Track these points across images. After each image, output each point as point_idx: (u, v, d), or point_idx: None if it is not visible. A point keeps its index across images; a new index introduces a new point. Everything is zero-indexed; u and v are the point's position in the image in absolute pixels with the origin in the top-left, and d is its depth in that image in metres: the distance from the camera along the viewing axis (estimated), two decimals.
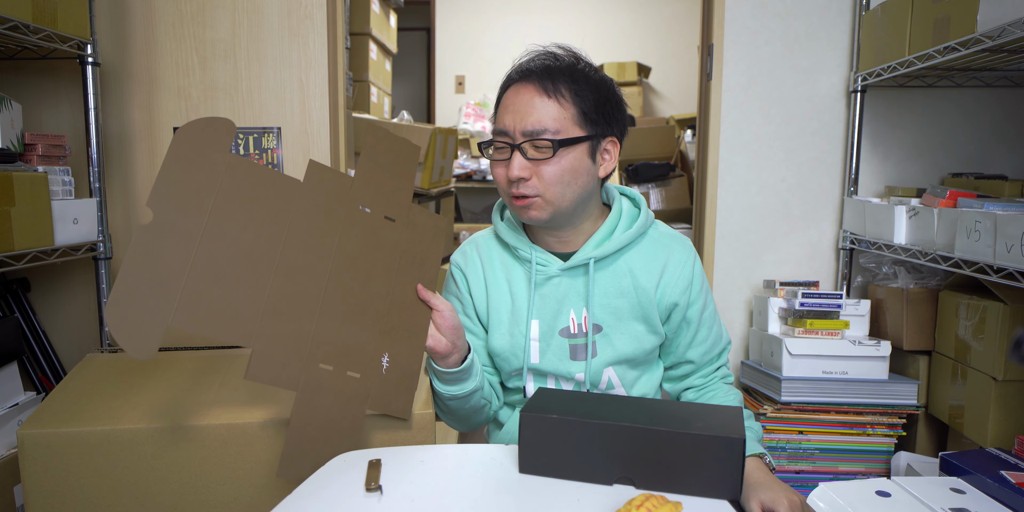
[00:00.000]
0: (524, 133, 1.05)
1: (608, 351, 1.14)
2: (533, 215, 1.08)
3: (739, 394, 1.20)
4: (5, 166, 1.40)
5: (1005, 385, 1.57)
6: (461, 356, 1.08)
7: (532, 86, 1.06)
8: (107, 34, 1.75)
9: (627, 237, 1.13)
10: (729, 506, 0.79)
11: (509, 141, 1.07)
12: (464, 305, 1.21)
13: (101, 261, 1.69)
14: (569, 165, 1.06)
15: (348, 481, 0.84)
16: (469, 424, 1.19)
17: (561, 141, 1.04)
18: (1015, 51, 1.53)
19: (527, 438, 0.86)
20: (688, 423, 0.83)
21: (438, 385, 1.09)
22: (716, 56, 2.09)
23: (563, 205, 1.08)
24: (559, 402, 0.91)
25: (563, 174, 1.06)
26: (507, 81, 1.11)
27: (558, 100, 1.05)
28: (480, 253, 1.21)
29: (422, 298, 1.05)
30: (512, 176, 1.05)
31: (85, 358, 1.19)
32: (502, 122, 1.08)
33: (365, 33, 2.84)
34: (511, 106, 1.07)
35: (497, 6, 4.96)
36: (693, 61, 4.78)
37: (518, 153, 1.05)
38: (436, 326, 1.06)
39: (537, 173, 1.06)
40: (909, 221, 1.74)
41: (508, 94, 1.09)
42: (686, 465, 0.81)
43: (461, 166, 4.30)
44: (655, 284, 1.13)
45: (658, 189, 3.32)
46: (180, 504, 0.98)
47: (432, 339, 1.04)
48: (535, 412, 0.86)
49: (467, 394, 1.10)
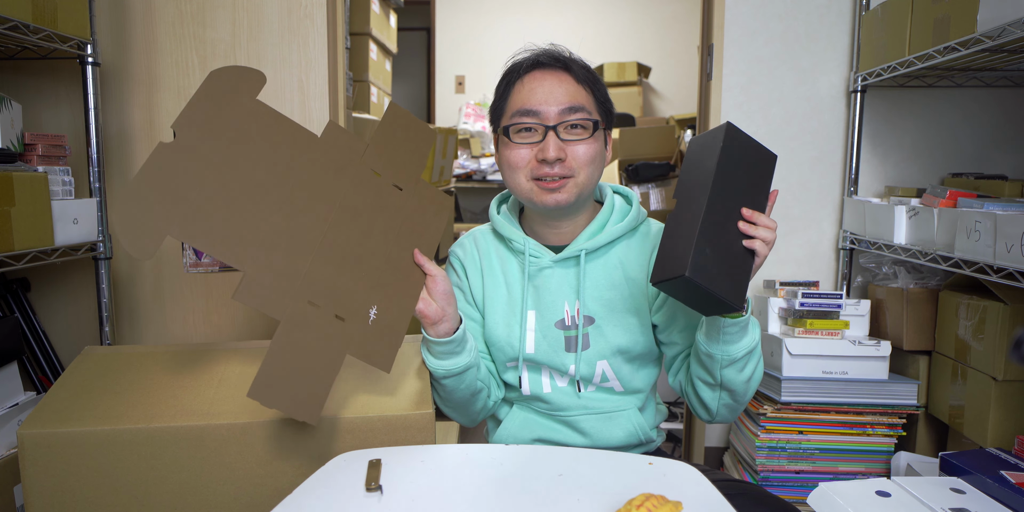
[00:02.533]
0: (561, 112, 1.07)
1: (601, 343, 1.15)
2: (562, 198, 1.09)
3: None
4: (5, 166, 1.40)
5: (1005, 385, 1.57)
6: (452, 326, 1.08)
7: (560, 71, 1.10)
8: (107, 34, 1.75)
9: (618, 230, 1.14)
10: (728, 505, 0.79)
11: (541, 122, 1.08)
12: (464, 293, 1.23)
13: (101, 261, 1.69)
14: (598, 148, 1.11)
15: (348, 481, 0.84)
16: (468, 413, 1.19)
17: (596, 121, 1.09)
18: (1015, 51, 1.53)
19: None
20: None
21: (432, 362, 1.09)
22: (716, 56, 2.09)
23: (588, 188, 1.11)
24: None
25: (595, 156, 1.10)
26: (518, 69, 1.13)
27: (585, 86, 1.10)
28: (478, 244, 1.23)
29: (417, 262, 1.07)
30: (550, 157, 1.06)
31: (83, 351, 1.19)
32: (530, 104, 1.08)
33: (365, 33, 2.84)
34: (539, 89, 1.09)
35: (497, 6, 4.96)
36: (693, 61, 4.78)
37: (553, 134, 1.07)
38: (428, 290, 1.07)
39: (572, 154, 1.08)
40: (909, 221, 1.74)
41: (528, 79, 1.11)
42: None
43: (461, 166, 4.30)
44: (645, 273, 1.14)
45: (658, 189, 3.32)
46: (180, 504, 0.98)
47: (423, 302, 1.06)
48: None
49: (461, 370, 1.10)
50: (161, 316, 1.84)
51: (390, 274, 1.03)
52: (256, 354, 1.21)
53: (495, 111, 1.16)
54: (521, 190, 1.12)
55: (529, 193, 1.11)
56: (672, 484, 0.84)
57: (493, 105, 1.17)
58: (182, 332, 1.84)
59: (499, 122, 1.15)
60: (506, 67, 1.15)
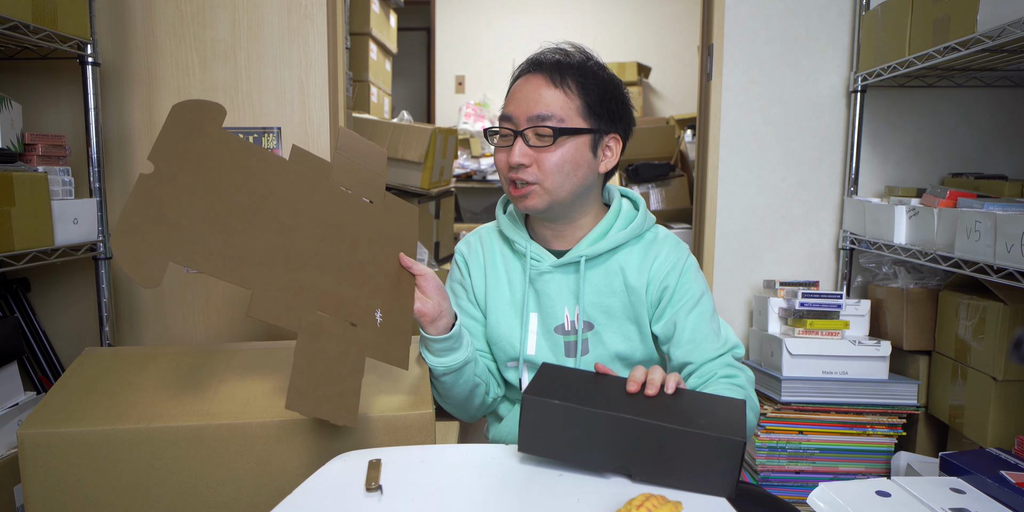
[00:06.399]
0: (528, 119, 1.07)
1: (600, 349, 1.15)
2: (530, 204, 1.10)
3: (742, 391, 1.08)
4: (5, 166, 1.40)
5: (1005, 385, 1.57)
6: (450, 321, 1.09)
7: (541, 76, 1.10)
8: (107, 34, 1.75)
9: (621, 237, 1.14)
10: (728, 505, 0.79)
11: (513, 127, 1.09)
12: (467, 291, 1.23)
13: (101, 261, 1.69)
14: (570, 155, 1.08)
15: (348, 481, 0.84)
16: (467, 409, 1.20)
17: (562, 129, 1.07)
18: (1015, 51, 1.53)
19: (528, 420, 0.85)
20: (690, 419, 0.83)
21: (432, 360, 1.10)
22: (716, 56, 2.09)
23: (561, 195, 1.10)
24: (562, 383, 0.91)
25: (563, 164, 1.08)
26: (518, 72, 1.14)
27: (564, 90, 1.08)
28: (483, 243, 1.24)
29: (404, 265, 1.08)
30: (512, 161, 1.08)
31: (84, 352, 1.19)
32: (508, 109, 1.11)
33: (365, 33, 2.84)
34: (518, 94, 1.11)
35: (497, 6, 4.95)
36: (693, 61, 4.78)
37: (520, 139, 1.08)
38: (422, 289, 1.08)
39: (538, 161, 1.08)
40: (909, 221, 1.74)
41: (517, 84, 1.13)
42: (684, 461, 0.80)
43: (461, 166, 4.30)
44: (645, 280, 1.13)
45: (658, 189, 3.32)
46: (180, 504, 0.98)
47: (419, 302, 1.06)
48: (537, 394, 0.85)
49: (460, 366, 1.11)
50: (161, 316, 1.84)
51: (383, 279, 1.06)
52: (256, 354, 1.21)
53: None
54: (506, 192, 1.15)
55: (510, 196, 1.13)
56: None
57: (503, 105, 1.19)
58: (182, 332, 1.84)
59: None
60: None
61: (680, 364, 1.14)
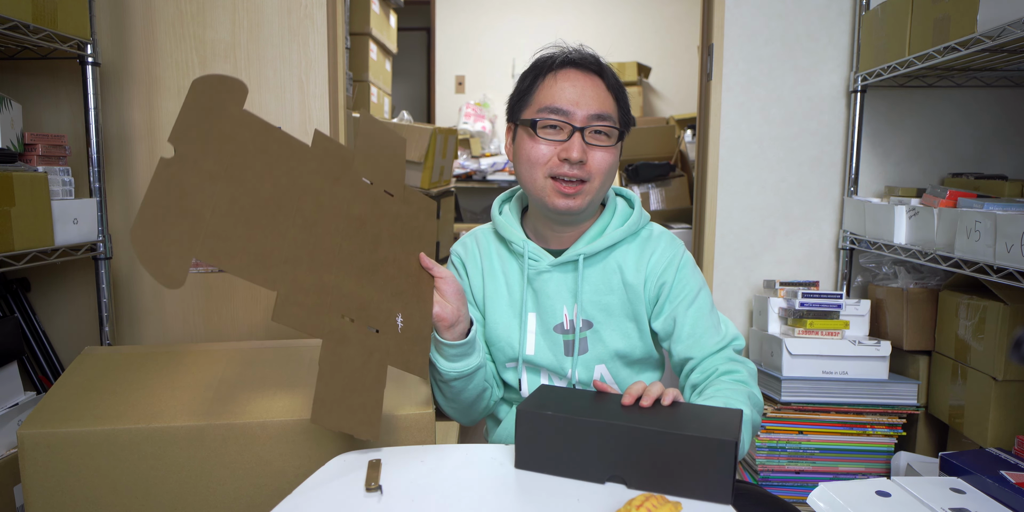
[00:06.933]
0: (591, 116, 1.06)
1: (599, 347, 1.15)
2: (574, 204, 1.08)
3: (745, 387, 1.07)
4: (5, 166, 1.40)
5: (1005, 385, 1.57)
6: (466, 327, 1.07)
7: (594, 76, 1.10)
8: (107, 34, 1.75)
9: (618, 234, 1.13)
10: (730, 508, 0.78)
11: (569, 121, 1.07)
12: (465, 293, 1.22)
13: (101, 261, 1.69)
14: (615, 158, 1.10)
15: (348, 481, 0.84)
16: (471, 413, 1.18)
17: (621, 132, 1.09)
18: (1015, 51, 1.53)
19: (523, 434, 0.86)
20: (682, 424, 0.83)
21: (444, 364, 1.07)
22: (716, 56, 2.09)
23: (599, 196, 1.12)
24: (557, 399, 0.91)
25: (613, 164, 1.10)
26: (551, 63, 1.10)
27: (613, 94, 1.10)
28: (479, 244, 1.23)
29: (425, 266, 1.06)
30: (574, 157, 1.05)
31: (83, 351, 1.19)
32: (558, 101, 1.07)
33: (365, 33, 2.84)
34: (570, 88, 1.08)
35: (497, 6, 4.95)
36: (693, 61, 4.78)
37: (579, 135, 1.06)
38: (441, 293, 1.05)
39: (592, 159, 1.07)
40: (909, 221, 1.74)
41: (561, 76, 1.09)
42: (677, 466, 0.80)
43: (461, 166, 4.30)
44: (643, 277, 1.13)
45: (658, 189, 3.32)
46: (180, 504, 0.98)
47: (438, 305, 1.03)
48: (531, 408, 0.86)
49: (472, 371, 1.09)
50: (161, 316, 1.84)
51: (404, 281, 1.01)
52: (256, 354, 1.21)
53: (518, 101, 1.12)
54: (535, 187, 1.10)
55: (542, 191, 1.09)
56: None
57: (515, 95, 1.13)
58: (182, 332, 1.84)
59: (520, 113, 1.12)
60: (535, 58, 1.12)
61: (681, 360, 1.14)
